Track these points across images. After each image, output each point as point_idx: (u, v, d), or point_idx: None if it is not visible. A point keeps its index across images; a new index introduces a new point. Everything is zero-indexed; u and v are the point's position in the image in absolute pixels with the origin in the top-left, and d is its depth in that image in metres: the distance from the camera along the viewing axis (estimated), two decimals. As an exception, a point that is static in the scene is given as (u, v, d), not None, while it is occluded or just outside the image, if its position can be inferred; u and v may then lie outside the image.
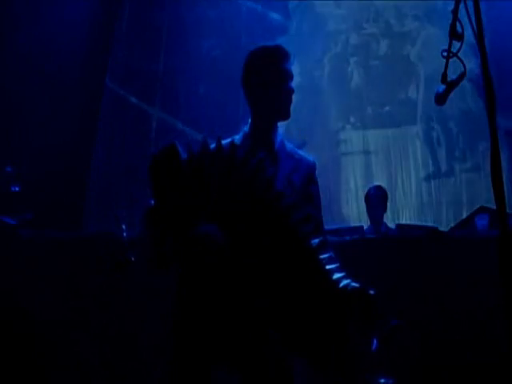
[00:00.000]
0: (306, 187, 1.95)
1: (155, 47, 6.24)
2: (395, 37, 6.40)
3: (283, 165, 1.88)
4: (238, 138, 1.98)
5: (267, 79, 1.93)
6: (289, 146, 2.03)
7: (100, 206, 5.92)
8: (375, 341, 1.62)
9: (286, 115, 1.98)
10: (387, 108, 6.22)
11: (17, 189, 3.71)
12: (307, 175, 1.97)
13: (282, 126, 2.03)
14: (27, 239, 3.21)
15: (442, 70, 1.55)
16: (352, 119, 6.28)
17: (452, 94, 1.56)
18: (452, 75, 1.56)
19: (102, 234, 3.36)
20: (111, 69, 6.11)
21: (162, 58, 6.34)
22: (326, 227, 2.13)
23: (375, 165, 6.14)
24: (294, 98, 1.97)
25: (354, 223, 5.54)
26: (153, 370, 2.89)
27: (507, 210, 1.34)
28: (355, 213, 5.93)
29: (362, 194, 5.09)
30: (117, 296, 3.03)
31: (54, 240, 3.26)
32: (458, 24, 1.50)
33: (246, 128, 2.01)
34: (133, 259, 1.90)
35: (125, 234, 2.13)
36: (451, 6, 1.50)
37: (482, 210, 3.71)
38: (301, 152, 2.05)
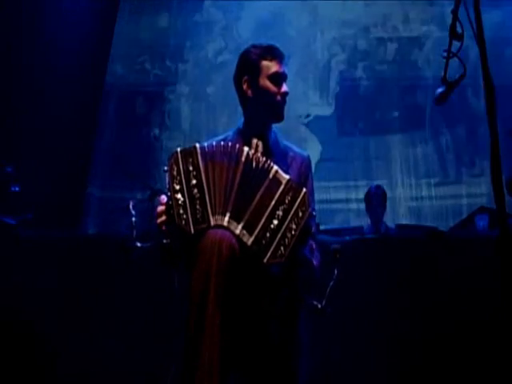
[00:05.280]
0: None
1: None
2: (403, 41, 6.32)
3: (277, 162, 1.78)
4: (231, 135, 1.95)
5: (260, 80, 1.88)
6: (283, 143, 1.98)
7: (99, 206, 5.93)
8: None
9: (279, 117, 1.93)
10: (395, 113, 6.15)
11: (17, 189, 3.71)
12: (301, 172, 1.92)
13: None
14: (27, 239, 3.21)
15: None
16: (360, 124, 6.19)
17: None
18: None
19: (102, 234, 3.36)
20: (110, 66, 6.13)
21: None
22: (326, 227, 2.13)
23: (382, 170, 6.05)
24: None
25: (353, 223, 5.53)
26: (154, 370, 2.89)
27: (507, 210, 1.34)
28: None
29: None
30: (117, 296, 3.03)
31: (54, 240, 3.25)
32: (457, 24, 1.50)
33: (239, 125, 1.97)
34: (139, 245, 1.89)
35: (133, 219, 2.13)
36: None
37: (482, 210, 3.71)
38: (295, 148, 2.00)
